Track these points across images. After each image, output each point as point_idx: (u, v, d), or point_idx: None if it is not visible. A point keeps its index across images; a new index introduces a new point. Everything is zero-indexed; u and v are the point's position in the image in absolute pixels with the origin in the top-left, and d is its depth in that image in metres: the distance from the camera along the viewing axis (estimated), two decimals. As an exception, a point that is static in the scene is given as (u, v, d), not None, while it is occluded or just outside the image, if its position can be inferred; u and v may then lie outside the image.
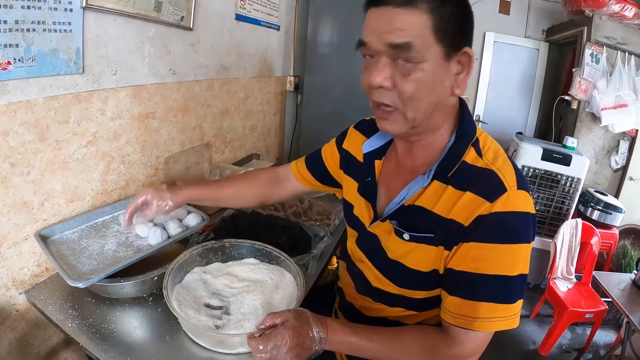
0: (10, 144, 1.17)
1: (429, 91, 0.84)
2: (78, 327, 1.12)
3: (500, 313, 0.85)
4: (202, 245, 1.32)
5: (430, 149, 0.97)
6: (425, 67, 0.81)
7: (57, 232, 1.33)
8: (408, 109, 0.86)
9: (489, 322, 0.86)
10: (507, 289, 0.86)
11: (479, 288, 0.86)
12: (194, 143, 2.05)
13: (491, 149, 0.93)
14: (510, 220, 0.84)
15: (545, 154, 2.98)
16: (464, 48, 0.84)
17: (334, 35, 2.80)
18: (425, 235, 0.92)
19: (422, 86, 0.83)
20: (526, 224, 0.85)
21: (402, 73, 0.83)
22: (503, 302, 0.85)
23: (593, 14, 3.13)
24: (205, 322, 1.09)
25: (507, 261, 0.85)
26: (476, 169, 0.90)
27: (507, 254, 0.85)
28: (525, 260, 0.86)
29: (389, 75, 0.84)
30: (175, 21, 1.72)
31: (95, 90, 1.41)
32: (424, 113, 0.87)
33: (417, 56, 0.80)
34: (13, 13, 1.09)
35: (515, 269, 0.85)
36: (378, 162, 1.10)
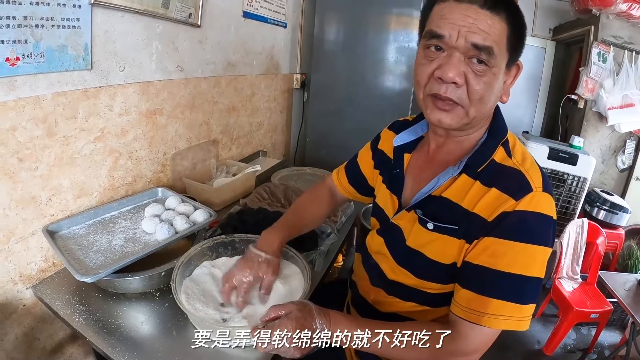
0: (18, 139, 1.18)
1: (494, 94, 0.89)
2: (85, 321, 1.12)
3: (510, 312, 0.85)
4: (212, 239, 1.33)
5: (464, 144, 1.00)
6: (495, 72, 0.86)
7: (64, 227, 1.34)
8: (473, 106, 0.89)
9: (497, 319, 0.85)
10: (520, 288, 0.85)
11: (491, 283, 0.86)
12: (200, 140, 2.06)
13: (520, 151, 0.95)
14: (532, 220, 0.84)
15: (551, 153, 2.97)
16: (518, 60, 0.91)
17: (340, 33, 2.80)
18: (449, 226, 0.93)
19: (491, 89, 0.87)
20: (546, 227, 0.85)
21: (476, 73, 0.85)
22: (514, 301, 0.85)
23: (600, 12, 3.10)
24: (212, 315, 1.09)
25: (523, 260, 0.85)
26: (504, 168, 0.91)
27: (524, 253, 0.84)
28: (542, 264, 0.86)
29: (462, 72, 0.85)
30: (182, 18, 1.72)
31: (103, 86, 1.42)
32: (485, 113, 0.93)
33: (493, 61, 0.84)
34: (22, 9, 1.10)
35: (531, 270, 0.85)
36: (407, 155, 1.12)
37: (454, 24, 0.84)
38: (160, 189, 1.67)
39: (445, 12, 0.85)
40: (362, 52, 2.73)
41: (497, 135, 0.96)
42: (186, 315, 1.15)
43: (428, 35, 0.88)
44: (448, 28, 0.84)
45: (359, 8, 2.67)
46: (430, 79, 0.89)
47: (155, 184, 1.75)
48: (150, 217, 1.42)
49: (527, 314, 0.86)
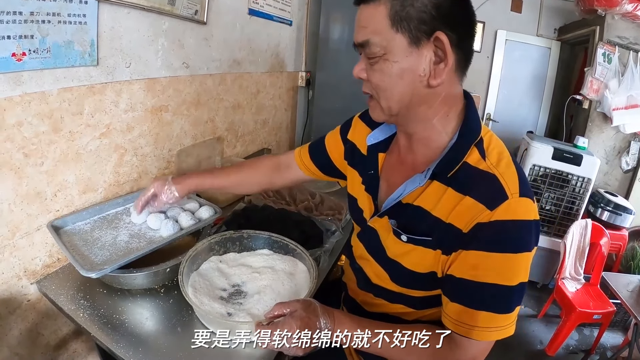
0: (24, 134, 1.18)
1: (396, 80, 0.85)
2: (89, 317, 1.13)
3: (499, 323, 0.85)
4: (220, 234, 1.34)
5: (430, 145, 0.95)
6: (389, 57, 0.83)
7: (69, 223, 1.34)
8: (381, 97, 0.89)
9: (487, 332, 0.85)
10: (507, 298, 0.85)
11: (478, 296, 0.85)
12: (206, 137, 2.06)
13: (495, 150, 0.89)
14: (511, 229, 0.81)
15: (556, 154, 2.97)
16: (435, 33, 0.80)
17: (345, 31, 2.80)
18: (423, 238, 0.91)
19: (387, 75, 0.85)
20: (527, 233, 0.82)
21: (371, 64, 0.87)
22: (502, 312, 0.84)
23: (605, 13, 3.10)
24: (218, 309, 1.10)
25: (507, 271, 0.83)
26: (478, 172, 0.86)
27: (507, 264, 0.82)
28: (526, 268, 0.84)
29: (363, 67, 0.89)
30: (189, 15, 1.72)
31: (109, 82, 1.42)
32: (398, 102, 0.88)
33: (377, 51, 0.83)
34: (28, 4, 1.10)
35: (515, 278, 0.83)
36: (382, 155, 1.09)
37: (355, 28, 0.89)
38: (165, 186, 1.66)
39: None
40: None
41: (469, 136, 0.89)
42: (191, 311, 1.16)
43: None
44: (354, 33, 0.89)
45: (364, 6, 2.67)
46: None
47: (160, 181, 1.75)
48: (155, 213, 1.42)
49: (513, 320, 0.86)
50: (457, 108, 0.92)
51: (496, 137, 0.94)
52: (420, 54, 0.82)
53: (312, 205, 1.79)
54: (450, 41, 0.80)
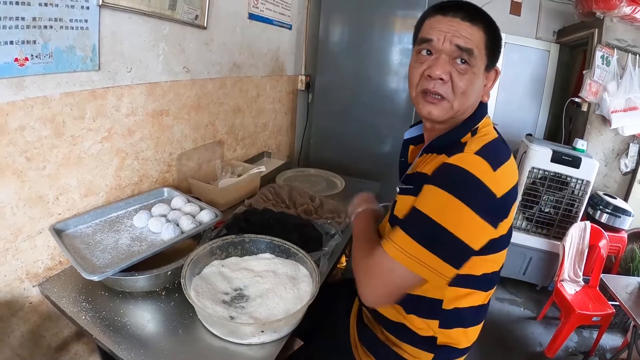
0: (26, 138, 1.19)
1: (474, 90, 1.04)
2: (91, 319, 1.14)
3: (407, 246, 0.92)
4: (222, 239, 1.36)
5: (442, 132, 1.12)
6: (476, 71, 1.02)
7: (71, 226, 1.36)
8: (457, 100, 1.03)
9: (394, 247, 0.94)
10: (422, 227, 0.92)
11: (406, 218, 0.98)
12: (206, 140, 2.07)
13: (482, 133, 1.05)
14: (453, 171, 0.92)
15: (554, 156, 2.97)
16: (495, 66, 1.07)
17: (345, 35, 2.81)
18: (407, 187, 1.08)
19: (472, 85, 1.02)
20: (467, 183, 0.90)
21: (459, 71, 1.01)
22: (414, 238, 0.92)
23: (604, 16, 3.10)
24: (221, 312, 1.12)
25: (434, 204, 0.92)
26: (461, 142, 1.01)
27: (437, 198, 0.92)
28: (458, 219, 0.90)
29: (447, 70, 1.01)
30: (189, 20, 1.73)
31: (110, 87, 1.43)
32: (468, 105, 1.06)
33: (473, 61, 1.00)
34: (31, 10, 1.11)
35: (439, 216, 0.90)
36: (412, 147, 1.28)
37: (440, 30, 1.01)
38: (166, 189, 1.68)
39: (434, 23, 1.03)
40: (366, 54, 2.75)
41: (469, 124, 1.06)
42: (192, 313, 1.17)
43: (420, 41, 1.06)
44: (436, 34, 1.01)
45: (364, 10, 2.68)
46: (421, 78, 1.05)
47: (161, 184, 1.77)
48: (156, 217, 1.43)
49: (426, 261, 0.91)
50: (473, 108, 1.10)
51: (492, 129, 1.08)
52: (487, 77, 1.07)
53: (312, 209, 1.80)
54: None
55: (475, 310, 1.10)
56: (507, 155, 0.99)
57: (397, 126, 2.74)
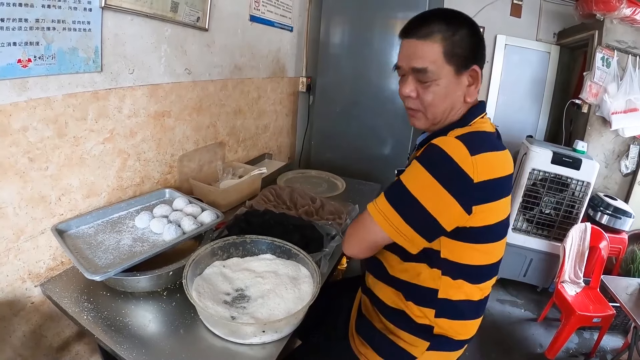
0: (29, 139, 1.20)
1: (442, 99, 1.11)
2: (93, 319, 1.14)
3: (384, 208, 1.05)
4: (223, 239, 1.36)
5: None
6: (440, 82, 1.09)
7: (73, 226, 1.36)
8: (428, 111, 1.14)
9: (374, 208, 1.08)
10: (398, 195, 1.04)
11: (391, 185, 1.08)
12: (207, 142, 2.08)
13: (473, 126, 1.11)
14: (432, 149, 1.01)
15: (555, 158, 2.98)
16: (472, 66, 1.10)
17: (345, 37, 2.82)
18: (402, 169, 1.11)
19: (437, 96, 1.11)
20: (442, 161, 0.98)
21: (423, 86, 1.11)
22: (389, 201, 1.05)
23: (604, 17, 3.11)
24: (222, 313, 1.12)
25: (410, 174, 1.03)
26: None
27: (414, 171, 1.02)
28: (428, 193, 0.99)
29: (413, 88, 1.13)
30: (191, 22, 1.74)
31: (112, 88, 1.44)
32: (442, 114, 1.14)
33: (432, 76, 1.08)
34: (34, 12, 1.12)
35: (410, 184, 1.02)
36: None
37: (402, 55, 1.14)
38: (168, 190, 1.69)
39: (400, 49, 1.15)
40: (367, 56, 2.75)
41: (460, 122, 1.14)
42: (193, 314, 1.17)
43: (394, 67, 1.19)
44: (401, 59, 1.14)
45: (364, 12, 2.69)
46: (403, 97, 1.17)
47: (163, 185, 1.78)
48: (158, 217, 1.44)
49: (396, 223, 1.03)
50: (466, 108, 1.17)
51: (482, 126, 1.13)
52: (460, 80, 1.11)
53: (313, 210, 1.80)
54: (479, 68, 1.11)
55: (471, 304, 1.15)
56: (493, 146, 1.03)
57: (397, 128, 2.74)
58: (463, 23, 1.09)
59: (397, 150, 2.81)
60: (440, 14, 1.11)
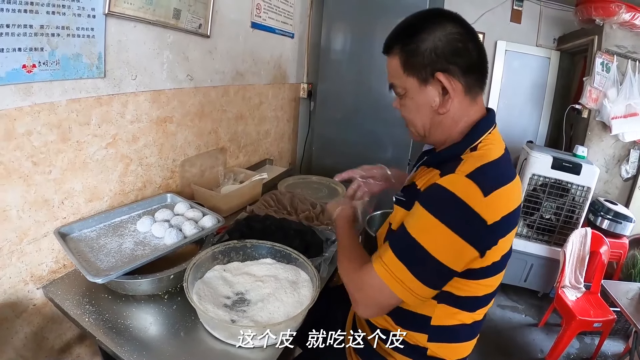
0: (33, 143, 1.21)
1: (415, 113, 1.07)
2: (95, 322, 1.15)
3: (395, 269, 0.93)
4: (224, 244, 1.37)
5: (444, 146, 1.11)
6: (409, 95, 1.05)
7: (76, 230, 1.38)
8: (409, 125, 1.13)
9: (383, 268, 0.95)
10: (409, 251, 0.93)
11: (394, 236, 0.99)
12: (209, 147, 2.09)
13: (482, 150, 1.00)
14: (440, 194, 0.91)
15: (555, 163, 2.98)
16: (435, 74, 0.98)
17: (346, 43, 2.84)
18: (401, 198, 1.10)
19: (409, 110, 1.08)
20: (453, 207, 0.89)
21: (400, 102, 1.10)
22: (401, 260, 0.93)
23: (604, 22, 3.13)
24: (222, 316, 1.13)
25: (419, 225, 0.93)
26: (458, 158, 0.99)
27: (422, 220, 0.92)
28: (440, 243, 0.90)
29: (397, 102, 1.12)
30: (193, 28, 1.76)
31: (115, 94, 1.46)
32: (422, 128, 1.09)
33: (400, 90, 1.07)
34: (38, 18, 1.14)
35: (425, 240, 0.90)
36: None
37: None
38: (170, 195, 1.71)
39: None
40: (368, 62, 2.76)
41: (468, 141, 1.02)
42: (194, 317, 1.18)
43: None
44: None
45: (365, 18, 2.71)
46: None
47: (165, 190, 1.79)
48: (159, 222, 1.45)
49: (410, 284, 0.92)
50: (470, 122, 1.05)
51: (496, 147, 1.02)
52: (428, 90, 1.01)
53: (313, 215, 1.81)
54: (452, 75, 0.99)
55: (466, 327, 1.08)
56: (505, 178, 0.96)
57: (397, 134, 2.75)
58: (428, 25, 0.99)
59: (397, 156, 2.82)
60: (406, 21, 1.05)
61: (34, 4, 1.12)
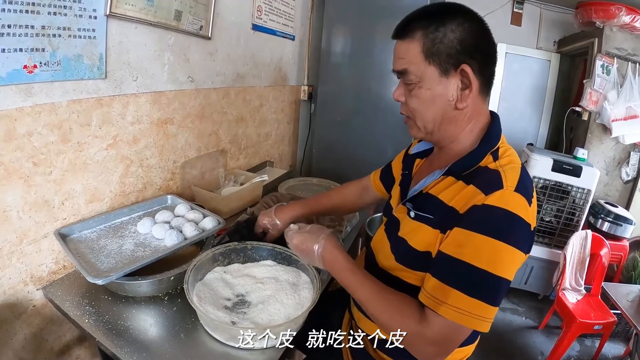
0: (34, 144, 1.22)
1: (428, 105, 0.99)
2: (94, 323, 1.15)
3: (469, 307, 0.86)
4: (224, 245, 1.37)
5: (453, 151, 1.06)
6: (423, 85, 0.97)
7: (76, 231, 1.37)
8: (416, 118, 1.03)
9: (454, 311, 0.87)
10: (482, 283, 0.87)
11: (454, 273, 0.89)
12: (209, 149, 2.10)
13: (507, 158, 0.99)
14: (499, 215, 0.87)
15: (555, 165, 2.98)
16: (461, 65, 0.94)
17: (347, 46, 2.84)
18: (426, 215, 1.00)
19: (422, 101, 0.99)
20: (511, 225, 0.87)
21: (408, 90, 1.01)
22: (474, 297, 0.86)
23: (604, 25, 3.13)
24: (222, 318, 1.13)
25: (487, 255, 0.86)
26: (486, 169, 0.96)
27: (487, 248, 0.86)
28: (508, 264, 0.87)
29: (402, 92, 1.03)
30: (194, 30, 1.77)
31: (116, 95, 1.46)
32: (432, 122, 1.02)
33: (413, 78, 0.98)
34: (40, 19, 1.14)
35: (495, 267, 0.86)
36: (419, 160, 1.25)
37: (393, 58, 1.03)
38: (170, 196, 1.71)
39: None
40: (369, 64, 2.77)
41: (487, 145, 1.00)
42: (194, 318, 1.18)
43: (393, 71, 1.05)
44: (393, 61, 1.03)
45: (366, 21, 2.71)
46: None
47: (165, 192, 1.79)
48: (160, 223, 1.45)
49: (488, 315, 0.87)
50: (480, 124, 1.05)
51: (513, 151, 1.03)
52: (449, 82, 0.96)
53: (313, 217, 1.81)
54: (473, 70, 0.94)
55: None
56: (532, 183, 0.98)
57: (397, 136, 2.74)
58: (452, 15, 0.95)
59: None
60: (428, 8, 0.99)
61: (36, 5, 1.12)
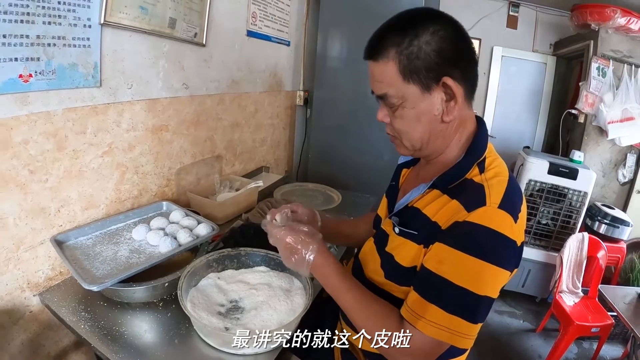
0: (30, 152, 1.23)
1: (414, 124, 0.96)
2: (90, 329, 1.15)
3: (447, 323, 0.85)
4: (218, 251, 1.37)
5: (439, 164, 1.04)
6: (406, 105, 0.94)
7: (72, 237, 1.38)
8: (403, 138, 1.00)
9: (432, 327, 0.86)
10: (460, 301, 0.85)
11: (433, 288, 0.88)
12: (205, 155, 2.11)
13: (494, 170, 0.96)
14: (481, 234, 0.85)
15: (551, 168, 2.99)
16: (442, 78, 0.90)
17: (342, 51, 2.85)
18: (411, 231, 0.98)
19: (407, 121, 0.96)
20: (494, 243, 0.85)
21: (392, 111, 0.97)
22: (453, 313, 0.85)
23: (599, 27, 3.15)
24: (216, 323, 1.13)
25: (468, 273, 0.85)
26: (471, 182, 0.94)
27: (469, 267, 0.84)
28: (491, 283, 0.86)
29: (386, 113, 1.00)
30: (188, 37, 1.78)
31: (111, 103, 1.47)
32: (420, 140, 0.99)
33: (395, 101, 0.94)
34: (35, 28, 1.16)
35: (474, 285, 0.84)
36: (405, 170, 1.24)
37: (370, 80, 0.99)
38: (165, 203, 1.71)
39: None
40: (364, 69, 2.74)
41: (473, 155, 0.97)
42: (188, 324, 1.19)
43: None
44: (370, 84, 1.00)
45: (361, 26, 2.71)
46: None
47: (160, 198, 1.80)
48: (155, 230, 1.46)
49: (469, 333, 0.86)
50: (468, 131, 1.02)
51: (501, 161, 1.01)
52: (432, 97, 0.92)
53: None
54: (455, 79, 0.90)
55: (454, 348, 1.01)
56: (521, 196, 0.95)
57: (393, 141, 2.76)
58: (424, 23, 0.89)
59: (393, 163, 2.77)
60: (395, 22, 0.94)
61: (31, 15, 1.14)
